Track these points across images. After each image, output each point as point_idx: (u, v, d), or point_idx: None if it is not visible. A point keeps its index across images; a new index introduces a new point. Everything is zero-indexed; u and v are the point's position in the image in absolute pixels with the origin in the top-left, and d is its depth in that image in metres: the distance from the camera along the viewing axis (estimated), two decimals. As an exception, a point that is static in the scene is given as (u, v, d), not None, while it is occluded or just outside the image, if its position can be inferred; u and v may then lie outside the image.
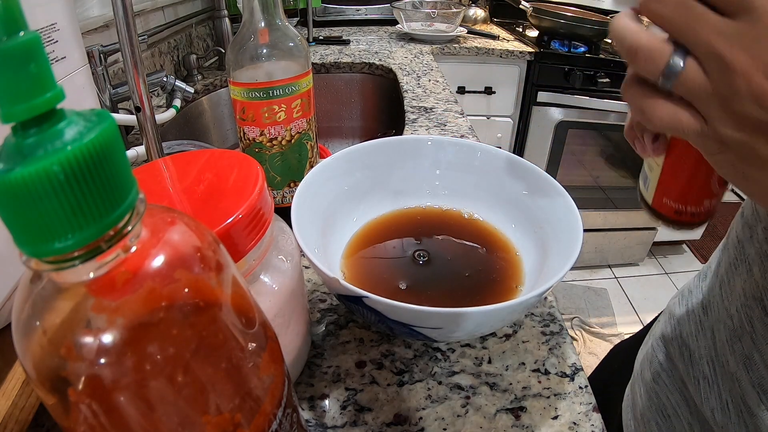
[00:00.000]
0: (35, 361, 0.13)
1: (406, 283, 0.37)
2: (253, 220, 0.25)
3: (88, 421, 0.13)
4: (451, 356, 0.36)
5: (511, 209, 0.42)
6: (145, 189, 0.25)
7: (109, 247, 0.12)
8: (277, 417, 0.17)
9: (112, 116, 0.12)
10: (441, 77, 1.03)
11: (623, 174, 1.76)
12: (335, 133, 1.17)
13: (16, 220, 0.11)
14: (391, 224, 0.44)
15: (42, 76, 0.11)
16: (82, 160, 0.11)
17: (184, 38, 1.01)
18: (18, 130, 0.11)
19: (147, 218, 0.14)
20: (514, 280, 0.38)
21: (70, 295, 0.13)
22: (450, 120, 0.79)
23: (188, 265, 0.14)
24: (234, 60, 0.43)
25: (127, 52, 0.42)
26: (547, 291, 0.29)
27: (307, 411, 0.32)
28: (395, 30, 1.52)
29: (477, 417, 0.32)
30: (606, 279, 1.89)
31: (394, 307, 0.27)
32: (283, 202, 0.49)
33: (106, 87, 0.66)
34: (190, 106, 0.91)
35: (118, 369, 0.12)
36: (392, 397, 0.33)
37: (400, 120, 0.85)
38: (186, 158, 0.29)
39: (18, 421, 0.26)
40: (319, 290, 0.42)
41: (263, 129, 0.44)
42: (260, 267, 0.27)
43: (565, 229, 0.35)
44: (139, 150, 0.56)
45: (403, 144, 0.44)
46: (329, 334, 0.37)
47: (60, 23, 0.40)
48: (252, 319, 0.16)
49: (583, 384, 0.34)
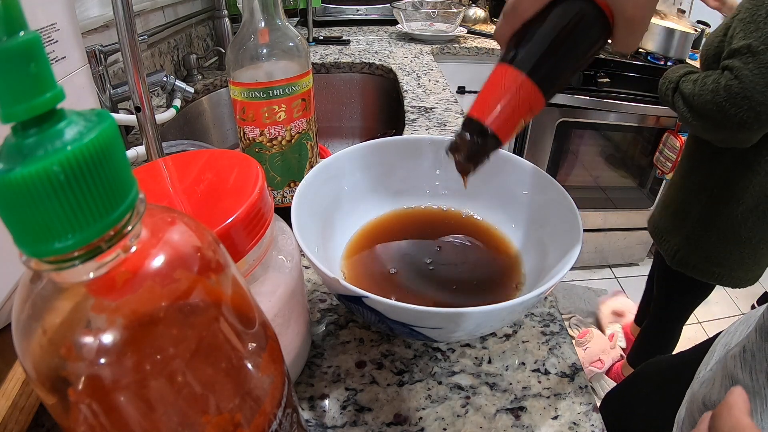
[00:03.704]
0: (35, 361, 0.13)
1: (406, 283, 0.37)
2: (253, 220, 0.25)
3: (88, 421, 0.13)
4: (451, 356, 0.36)
5: (511, 209, 0.42)
6: (145, 189, 0.25)
7: (109, 247, 0.12)
8: (277, 417, 0.17)
9: (112, 116, 0.12)
10: (441, 77, 1.03)
11: (623, 174, 1.76)
12: (335, 133, 1.17)
13: (16, 220, 0.11)
14: (391, 224, 0.44)
15: (42, 76, 0.11)
16: (82, 160, 0.11)
17: (184, 38, 1.01)
18: (18, 130, 0.11)
19: (147, 218, 0.14)
20: (514, 280, 0.38)
21: (70, 295, 0.13)
22: (450, 120, 0.79)
23: (188, 265, 0.14)
24: (234, 60, 0.43)
25: (127, 52, 0.42)
26: (547, 291, 0.29)
27: (307, 411, 0.32)
28: (395, 30, 1.52)
29: (477, 417, 0.32)
30: (606, 279, 1.89)
31: (394, 307, 0.27)
32: (283, 202, 0.49)
33: (106, 87, 0.66)
34: (190, 106, 0.91)
35: (118, 369, 0.12)
36: (392, 397, 0.33)
37: (400, 120, 0.85)
38: (186, 158, 0.29)
39: (18, 421, 0.26)
40: (319, 290, 0.42)
41: (263, 129, 0.44)
42: (260, 267, 0.27)
43: (565, 229, 0.35)
44: (139, 150, 0.56)
45: (403, 144, 0.44)
46: (329, 334, 0.37)
47: (60, 23, 0.40)
48: (252, 319, 0.16)
49: (583, 384, 0.34)
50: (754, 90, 0.76)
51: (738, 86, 0.78)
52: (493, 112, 0.29)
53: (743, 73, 0.77)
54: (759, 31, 0.76)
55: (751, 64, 0.76)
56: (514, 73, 0.28)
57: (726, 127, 0.82)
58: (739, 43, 0.78)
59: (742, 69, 0.77)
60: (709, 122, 0.84)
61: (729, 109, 0.79)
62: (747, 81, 0.77)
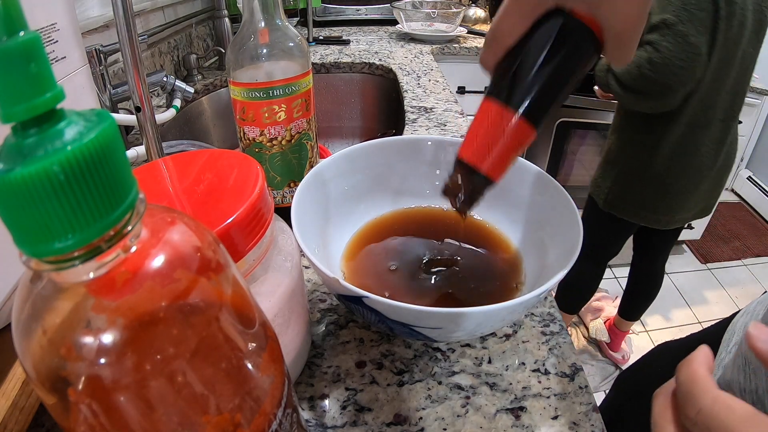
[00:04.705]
0: (35, 361, 0.13)
1: (406, 284, 0.37)
2: (253, 220, 0.25)
3: (88, 421, 0.13)
4: (451, 356, 0.36)
5: (511, 209, 0.42)
6: (145, 189, 0.25)
7: (109, 247, 0.12)
8: (277, 417, 0.17)
9: (112, 116, 0.12)
10: (441, 77, 1.03)
11: (623, 174, 1.76)
12: (335, 133, 1.17)
13: (16, 220, 0.11)
14: (391, 224, 0.44)
15: (42, 76, 0.11)
16: (82, 160, 0.11)
17: (184, 38, 1.01)
18: (18, 130, 0.11)
19: (147, 218, 0.14)
20: (514, 280, 0.38)
21: (70, 295, 0.13)
22: (450, 120, 0.79)
23: (188, 265, 0.14)
24: (234, 60, 0.43)
25: (127, 52, 0.42)
26: (547, 291, 0.29)
27: (307, 411, 0.32)
28: (395, 30, 1.52)
29: (477, 417, 0.32)
30: (606, 279, 1.89)
31: (394, 307, 0.27)
32: (283, 202, 0.49)
33: (106, 87, 0.66)
34: (190, 106, 0.91)
35: (118, 369, 0.12)
36: (392, 397, 0.33)
37: (400, 120, 0.85)
38: (186, 158, 0.29)
39: (18, 421, 0.26)
40: (319, 290, 0.42)
41: (263, 129, 0.44)
42: (260, 267, 0.27)
43: (565, 229, 0.35)
44: (139, 150, 0.56)
45: (403, 144, 0.44)
46: (329, 334, 0.37)
47: (60, 23, 0.40)
48: (252, 319, 0.16)
49: (583, 384, 0.34)
50: (674, 58, 0.89)
51: (659, 57, 0.90)
52: (482, 152, 0.28)
53: (662, 45, 0.89)
54: (671, 5, 0.88)
55: (669, 36, 0.88)
56: (501, 110, 0.27)
57: (653, 95, 0.94)
58: (656, 18, 0.90)
59: (661, 42, 0.89)
60: (639, 94, 0.96)
61: (654, 79, 0.91)
62: (666, 52, 0.89)
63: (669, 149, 1.04)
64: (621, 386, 0.68)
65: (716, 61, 0.94)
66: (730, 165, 1.13)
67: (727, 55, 0.95)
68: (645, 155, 1.07)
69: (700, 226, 1.96)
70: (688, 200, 1.10)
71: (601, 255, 1.34)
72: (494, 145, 0.27)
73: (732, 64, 0.97)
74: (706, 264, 2.02)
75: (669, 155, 1.04)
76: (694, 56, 0.89)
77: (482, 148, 0.28)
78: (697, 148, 1.03)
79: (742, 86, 1.03)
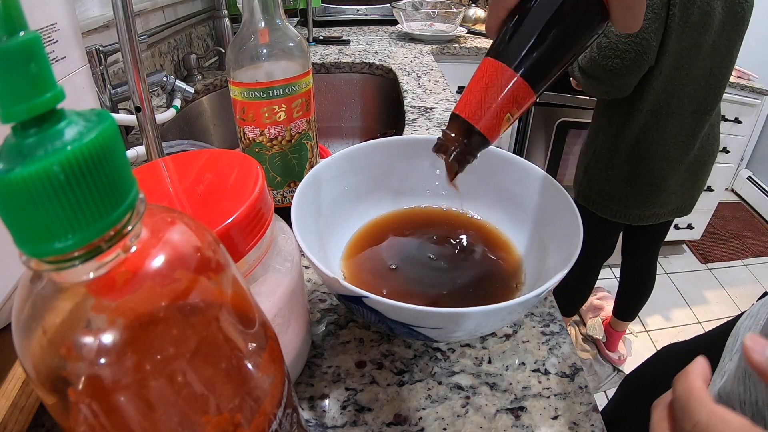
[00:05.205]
0: (35, 361, 0.13)
1: (406, 283, 0.37)
2: (253, 220, 0.25)
3: (88, 421, 0.13)
4: (451, 356, 0.36)
5: (511, 209, 0.42)
6: (145, 189, 0.26)
7: (109, 247, 0.12)
8: (277, 417, 0.17)
9: (112, 116, 0.12)
10: (441, 77, 1.03)
11: (623, 174, 1.76)
12: (335, 133, 1.17)
13: (16, 220, 0.11)
14: (391, 224, 0.44)
15: (42, 76, 0.11)
16: (82, 160, 0.11)
17: (184, 38, 1.01)
18: (18, 130, 0.11)
19: (147, 218, 0.14)
20: (514, 280, 0.38)
21: (70, 295, 0.13)
22: (450, 120, 0.79)
23: (188, 265, 0.14)
24: (234, 60, 0.43)
25: (127, 52, 0.42)
26: (547, 291, 0.29)
27: (307, 411, 0.32)
28: (395, 30, 1.52)
29: (477, 417, 0.32)
30: (606, 279, 1.89)
31: (394, 307, 0.27)
32: (283, 202, 0.49)
33: (106, 87, 0.66)
34: (190, 106, 0.91)
35: (118, 369, 0.12)
36: (392, 397, 0.33)
37: (400, 120, 0.85)
38: (186, 158, 0.29)
39: (18, 421, 0.26)
40: (319, 290, 0.42)
41: (263, 129, 0.44)
42: (260, 267, 0.27)
43: (565, 229, 0.35)
44: (139, 150, 0.56)
45: (403, 144, 0.44)
46: (329, 334, 0.37)
47: (60, 23, 0.40)
48: (252, 319, 0.16)
49: (583, 384, 0.34)
50: (618, 41, 0.92)
51: (605, 41, 0.93)
52: (478, 109, 0.27)
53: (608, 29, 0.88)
54: None
55: None
56: (499, 67, 0.27)
57: (602, 79, 0.97)
58: None
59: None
60: (593, 79, 0.99)
61: (602, 62, 0.94)
62: (611, 36, 0.93)
63: (632, 136, 1.04)
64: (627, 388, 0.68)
65: (677, 49, 0.94)
66: (707, 161, 1.11)
67: (690, 44, 0.94)
68: (610, 142, 1.08)
69: (700, 226, 1.96)
70: (658, 194, 1.09)
71: (591, 255, 1.33)
72: (491, 104, 0.27)
73: (698, 54, 0.96)
74: (706, 264, 2.02)
75: (632, 142, 1.04)
76: (640, 41, 0.91)
77: (479, 106, 0.27)
78: (660, 135, 1.03)
79: (718, 79, 1.01)
